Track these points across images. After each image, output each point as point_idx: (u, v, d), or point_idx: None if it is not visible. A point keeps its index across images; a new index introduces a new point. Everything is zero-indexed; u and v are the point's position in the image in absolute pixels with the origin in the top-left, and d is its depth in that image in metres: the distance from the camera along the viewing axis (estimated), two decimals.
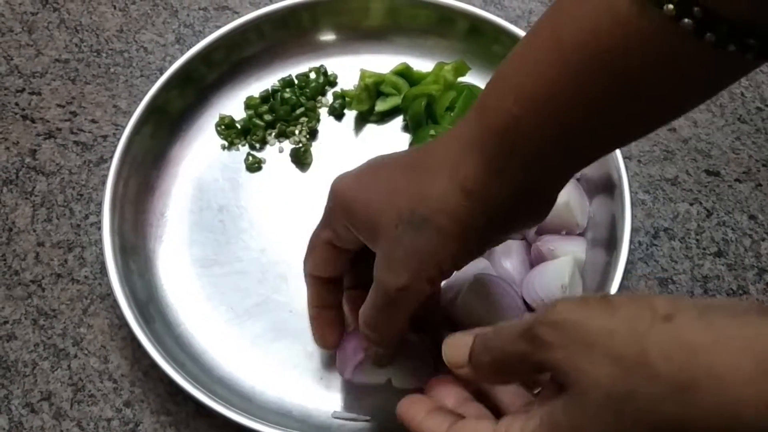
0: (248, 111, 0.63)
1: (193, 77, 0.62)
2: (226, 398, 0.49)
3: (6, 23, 0.69)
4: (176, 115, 0.61)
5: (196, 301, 0.55)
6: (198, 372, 0.52)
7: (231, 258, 0.57)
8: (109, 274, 0.53)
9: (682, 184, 0.61)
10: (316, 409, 0.51)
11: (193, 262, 0.57)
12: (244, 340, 0.54)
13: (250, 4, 0.69)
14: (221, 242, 0.58)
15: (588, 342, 0.27)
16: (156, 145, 0.60)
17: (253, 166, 0.61)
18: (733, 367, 0.24)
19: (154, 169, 0.60)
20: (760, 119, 0.64)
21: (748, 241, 0.59)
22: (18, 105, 0.65)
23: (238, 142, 0.62)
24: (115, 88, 0.65)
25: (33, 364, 0.54)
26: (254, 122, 0.62)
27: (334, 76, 0.64)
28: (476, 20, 0.63)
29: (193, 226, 0.58)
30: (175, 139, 0.61)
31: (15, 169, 0.62)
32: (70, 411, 0.53)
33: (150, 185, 0.59)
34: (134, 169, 0.58)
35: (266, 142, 0.62)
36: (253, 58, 0.64)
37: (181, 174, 0.60)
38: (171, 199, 0.59)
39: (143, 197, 0.58)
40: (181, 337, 0.54)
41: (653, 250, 0.58)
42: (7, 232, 0.59)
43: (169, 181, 0.60)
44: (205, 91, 0.63)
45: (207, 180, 0.60)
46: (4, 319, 0.56)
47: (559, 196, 0.53)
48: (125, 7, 0.70)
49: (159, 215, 0.58)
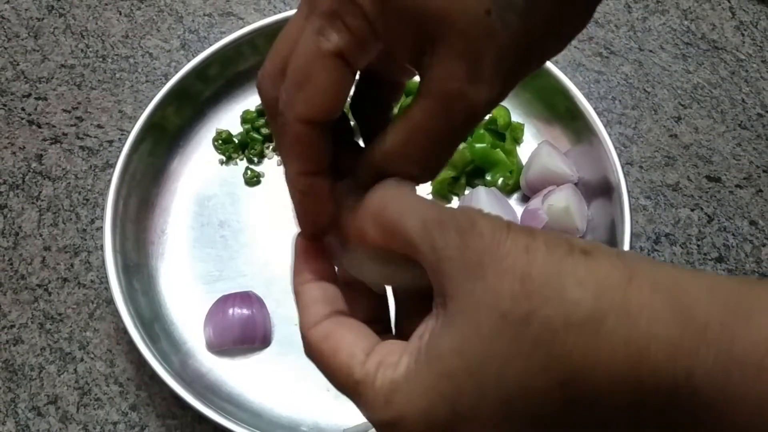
0: (245, 125, 0.63)
1: (189, 93, 0.62)
2: (236, 415, 0.50)
3: (12, 29, 0.69)
4: (174, 131, 0.62)
5: (201, 318, 0.55)
6: (205, 389, 0.52)
7: (234, 273, 0.57)
8: (114, 296, 0.52)
9: (683, 190, 0.61)
10: (326, 422, 0.52)
11: (196, 279, 0.57)
12: (251, 355, 0.54)
13: (255, 10, 0.70)
14: (224, 258, 0.58)
15: (500, 253, 0.24)
16: (154, 161, 0.60)
17: (252, 179, 0.61)
18: (646, 306, 0.22)
19: (153, 186, 0.60)
20: (760, 125, 0.65)
21: (749, 247, 0.59)
22: (24, 110, 0.65)
23: (236, 157, 0.62)
24: (120, 93, 0.66)
25: (39, 368, 0.55)
26: (252, 136, 0.62)
27: None
28: None
29: (195, 242, 0.59)
30: (173, 156, 0.61)
31: (21, 173, 0.62)
32: (77, 414, 0.53)
33: (150, 202, 0.59)
34: (133, 187, 0.58)
35: (264, 156, 0.62)
36: (248, 71, 0.64)
37: (181, 190, 0.61)
38: (171, 215, 0.60)
39: (143, 215, 0.59)
40: (187, 354, 0.54)
41: (654, 255, 0.59)
42: (13, 237, 0.60)
43: (169, 198, 0.60)
44: (202, 107, 0.63)
45: (206, 195, 0.61)
46: (11, 323, 0.56)
47: (559, 201, 0.55)
48: (131, 13, 0.70)
49: (160, 232, 0.59)
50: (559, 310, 0.22)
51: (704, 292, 0.23)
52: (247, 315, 0.54)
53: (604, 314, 0.22)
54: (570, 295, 0.23)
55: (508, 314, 0.23)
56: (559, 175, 0.57)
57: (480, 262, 0.24)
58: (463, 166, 0.59)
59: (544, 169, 0.57)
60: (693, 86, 0.66)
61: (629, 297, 0.23)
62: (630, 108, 0.65)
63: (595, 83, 0.66)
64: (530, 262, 0.23)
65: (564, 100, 0.59)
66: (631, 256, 0.25)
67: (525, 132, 0.62)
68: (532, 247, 0.24)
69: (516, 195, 0.60)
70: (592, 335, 0.22)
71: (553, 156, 0.58)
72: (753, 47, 0.68)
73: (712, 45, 0.68)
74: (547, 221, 0.54)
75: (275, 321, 0.55)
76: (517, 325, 0.23)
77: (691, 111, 0.65)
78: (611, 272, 0.23)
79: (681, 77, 0.67)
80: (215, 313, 0.54)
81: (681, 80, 0.67)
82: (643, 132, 0.64)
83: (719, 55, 0.68)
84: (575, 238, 0.25)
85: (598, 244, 0.25)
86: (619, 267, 0.23)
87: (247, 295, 0.55)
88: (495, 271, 0.23)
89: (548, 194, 0.56)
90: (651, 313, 0.22)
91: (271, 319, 0.55)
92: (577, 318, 0.22)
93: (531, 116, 0.62)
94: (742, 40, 0.69)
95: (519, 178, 0.59)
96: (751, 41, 0.69)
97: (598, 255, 0.24)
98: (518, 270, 0.23)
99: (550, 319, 0.23)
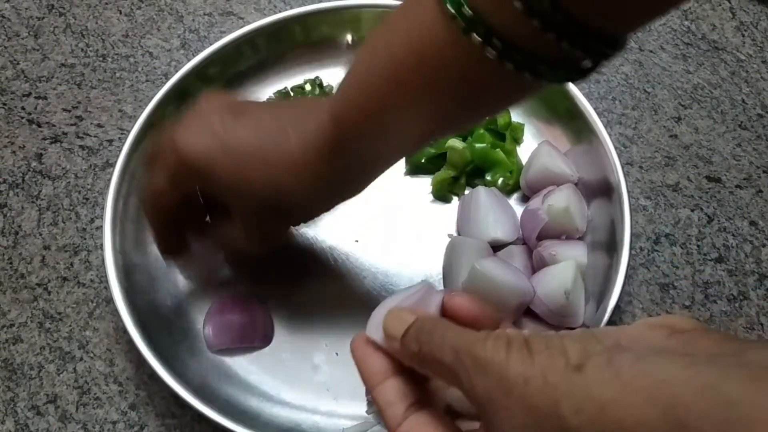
0: None
1: (189, 93, 0.61)
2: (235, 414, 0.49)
3: (12, 28, 0.69)
4: None
5: (201, 317, 0.55)
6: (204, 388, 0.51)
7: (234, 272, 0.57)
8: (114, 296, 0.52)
9: (683, 191, 0.61)
10: (326, 422, 0.52)
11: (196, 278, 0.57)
12: (250, 354, 0.54)
13: (255, 10, 0.70)
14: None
15: (506, 387, 0.27)
16: None
17: None
18: (640, 421, 0.24)
19: None
20: (761, 126, 0.65)
21: (749, 247, 0.59)
22: (24, 109, 0.65)
23: None
24: (120, 92, 0.66)
25: (39, 367, 0.55)
26: None
27: (329, 87, 0.64)
28: None
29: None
30: None
31: (21, 173, 0.62)
32: (76, 414, 0.53)
33: None
34: (133, 187, 0.57)
35: None
36: (248, 71, 0.63)
37: None
38: None
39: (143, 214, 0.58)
40: (186, 354, 0.54)
41: (654, 255, 0.59)
42: (13, 236, 0.60)
43: None
44: None
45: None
46: (11, 322, 0.56)
47: (559, 201, 0.55)
48: (131, 13, 0.70)
49: None
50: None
51: (699, 400, 0.23)
52: (247, 314, 0.54)
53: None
54: (572, 424, 0.25)
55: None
56: (559, 175, 0.57)
57: (490, 398, 0.28)
58: (463, 166, 0.59)
59: (544, 169, 0.57)
60: (693, 86, 0.66)
61: (625, 413, 0.24)
62: (630, 108, 0.65)
63: (596, 83, 0.66)
64: (531, 393, 0.26)
65: (564, 100, 0.59)
66: (620, 356, 0.26)
67: (525, 132, 0.62)
68: (531, 378, 0.27)
69: (516, 195, 0.60)
70: None
71: (553, 156, 0.58)
72: (753, 48, 0.68)
73: (713, 45, 0.69)
74: (547, 221, 0.54)
75: (275, 320, 0.55)
76: None
77: (692, 111, 0.65)
78: (604, 389, 0.25)
79: (681, 77, 0.67)
80: (215, 313, 0.54)
81: (681, 80, 0.67)
82: (643, 132, 0.64)
83: (719, 56, 0.68)
84: (569, 344, 0.27)
85: (589, 347, 0.27)
86: (609, 381, 0.25)
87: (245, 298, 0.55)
88: (505, 406, 0.27)
89: (548, 194, 0.56)
90: (649, 428, 0.23)
91: (272, 317, 0.55)
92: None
93: (531, 116, 0.62)
94: (742, 41, 0.69)
95: (519, 178, 0.59)
96: (751, 42, 0.69)
97: (590, 369, 0.26)
98: (522, 403, 0.27)
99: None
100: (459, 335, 0.31)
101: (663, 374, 0.24)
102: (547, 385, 0.26)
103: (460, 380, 0.30)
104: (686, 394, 0.23)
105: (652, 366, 0.25)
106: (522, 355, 0.27)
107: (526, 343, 0.28)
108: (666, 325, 0.28)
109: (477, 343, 0.29)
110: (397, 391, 0.34)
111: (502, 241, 0.56)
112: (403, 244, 0.58)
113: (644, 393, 0.24)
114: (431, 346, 0.32)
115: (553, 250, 0.54)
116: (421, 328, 0.33)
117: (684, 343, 0.26)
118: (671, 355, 0.25)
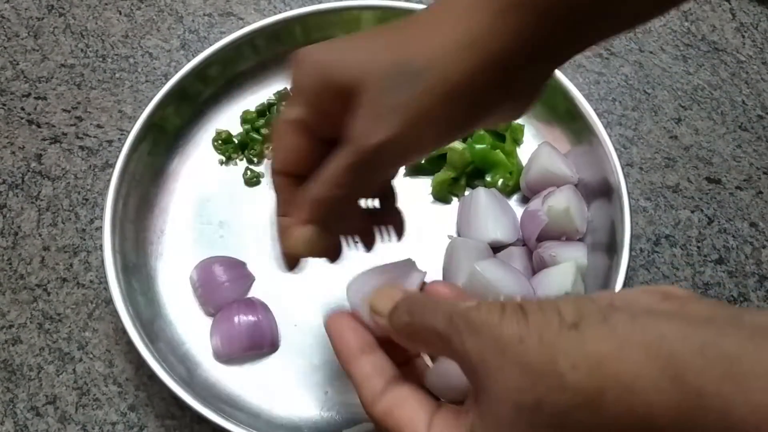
0: (245, 125, 0.63)
1: (188, 93, 0.61)
2: (234, 415, 0.49)
3: (12, 28, 0.69)
4: (173, 131, 0.61)
5: (201, 319, 0.55)
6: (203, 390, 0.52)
7: None
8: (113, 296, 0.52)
9: (683, 192, 0.61)
10: (326, 423, 0.52)
11: None
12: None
13: (255, 10, 0.70)
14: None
15: (500, 347, 0.27)
16: (154, 161, 0.60)
17: (252, 180, 0.61)
18: (638, 375, 0.23)
19: (152, 186, 0.60)
20: (761, 127, 0.65)
21: (749, 249, 0.59)
22: (24, 110, 0.65)
23: (236, 157, 0.62)
24: (120, 93, 0.66)
25: (38, 368, 0.55)
26: (251, 136, 0.62)
27: None
28: None
29: (194, 243, 0.58)
30: (172, 156, 0.61)
31: (21, 173, 0.62)
32: (75, 415, 0.53)
33: (149, 202, 0.59)
34: (133, 187, 0.58)
35: (264, 156, 0.62)
36: (248, 71, 0.64)
37: (180, 190, 0.60)
38: (170, 215, 0.59)
39: (143, 215, 0.58)
40: (186, 355, 0.54)
41: (655, 257, 0.59)
42: (12, 237, 0.60)
43: (168, 198, 0.60)
44: (202, 107, 0.63)
45: (206, 195, 0.60)
46: (10, 323, 0.56)
47: (559, 202, 0.55)
48: (131, 13, 0.70)
49: (159, 232, 0.59)
50: (562, 397, 0.25)
51: (697, 356, 0.23)
52: (253, 321, 0.53)
53: (602, 391, 0.24)
54: (569, 380, 0.25)
55: (520, 404, 0.26)
56: (559, 176, 0.57)
57: (483, 360, 0.27)
58: (462, 167, 0.59)
59: (544, 170, 0.57)
60: (693, 88, 0.66)
61: (622, 368, 0.24)
62: (630, 109, 0.65)
63: (596, 84, 0.66)
64: (526, 351, 0.26)
65: (564, 101, 0.59)
66: (615, 315, 0.25)
67: (525, 133, 0.62)
68: (525, 336, 0.26)
69: (516, 196, 0.60)
70: (596, 412, 0.24)
71: (553, 157, 0.58)
72: (753, 49, 0.68)
73: (713, 46, 0.68)
74: (547, 222, 0.54)
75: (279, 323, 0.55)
76: (530, 412, 0.26)
77: (692, 112, 0.65)
78: (600, 345, 0.25)
79: (681, 79, 0.67)
80: (221, 323, 0.54)
81: (681, 82, 0.67)
82: (644, 133, 0.64)
83: (719, 57, 0.68)
84: (563, 304, 0.27)
85: (584, 307, 0.26)
86: (605, 337, 0.25)
87: (251, 301, 0.55)
88: (499, 366, 0.27)
89: (548, 195, 0.56)
90: (647, 382, 0.23)
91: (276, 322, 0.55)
92: (580, 399, 0.24)
93: (531, 117, 0.62)
94: (742, 42, 0.69)
95: (519, 179, 0.59)
96: (751, 43, 0.69)
97: (585, 327, 0.25)
98: (517, 362, 0.26)
99: (556, 404, 0.25)
100: (452, 304, 0.30)
101: (660, 331, 0.24)
102: (542, 343, 0.26)
103: (452, 345, 0.29)
104: (684, 350, 0.23)
105: (649, 323, 0.24)
106: (516, 316, 0.27)
107: (520, 306, 0.27)
108: (660, 291, 0.27)
109: (471, 309, 0.29)
110: (374, 365, 0.34)
111: (502, 242, 0.56)
112: (402, 244, 0.58)
113: (642, 348, 0.24)
114: (424, 314, 0.31)
115: (553, 251, 0.54)
116: (413, 300, 0.33)
117: (679, 306, 0.26)
118: (667, 315, 0.25)
